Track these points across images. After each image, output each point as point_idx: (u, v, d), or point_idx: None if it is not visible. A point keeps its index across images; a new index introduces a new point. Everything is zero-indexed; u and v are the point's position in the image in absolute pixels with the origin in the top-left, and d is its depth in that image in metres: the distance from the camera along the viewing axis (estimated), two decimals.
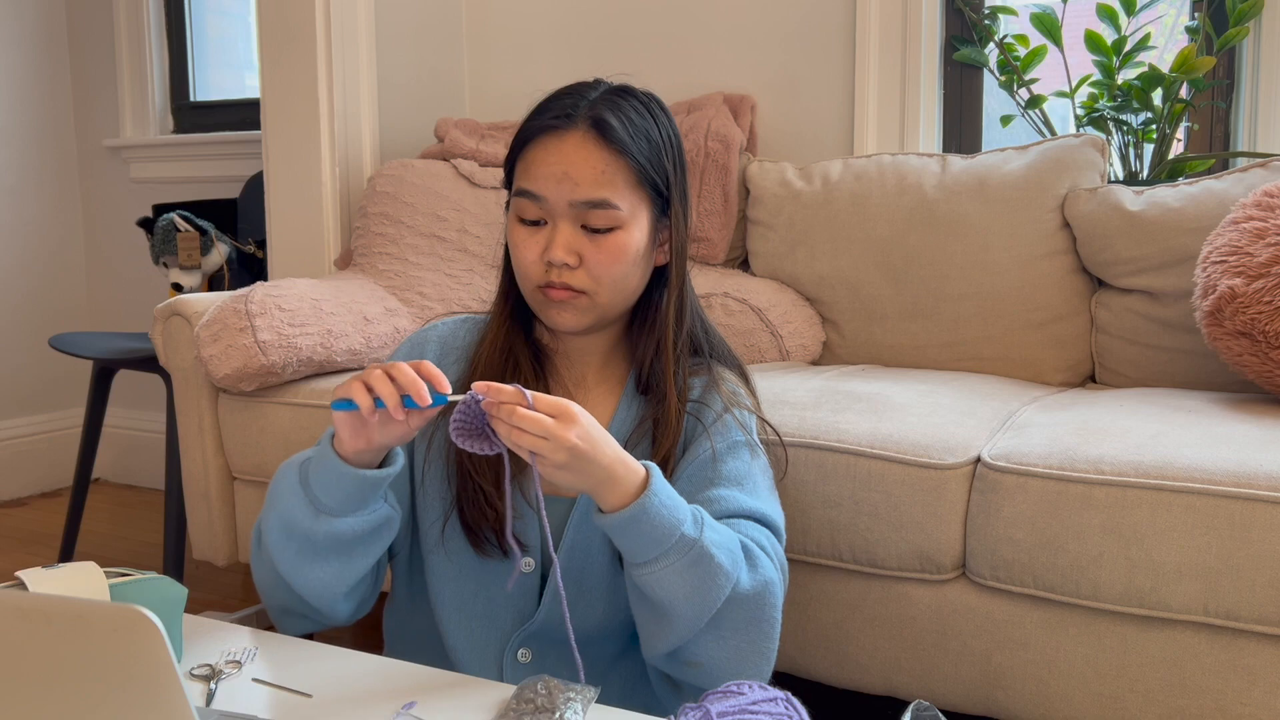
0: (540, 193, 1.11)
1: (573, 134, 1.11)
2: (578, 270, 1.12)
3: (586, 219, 1.11)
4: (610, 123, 1.11)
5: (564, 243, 1.11)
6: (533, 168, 1.12)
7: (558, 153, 1.11)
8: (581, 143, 1.11)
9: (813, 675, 1.47)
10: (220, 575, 2.53)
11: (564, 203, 1.11)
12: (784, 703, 0.77)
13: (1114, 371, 1.84)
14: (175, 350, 1.95)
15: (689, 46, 2.43)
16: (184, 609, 1.05)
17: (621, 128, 1.11)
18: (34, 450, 3.33)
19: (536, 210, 1.12)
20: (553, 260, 1.11)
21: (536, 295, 1.15)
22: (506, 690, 0.97)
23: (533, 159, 1.13)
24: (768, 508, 1.12)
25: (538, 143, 1.13)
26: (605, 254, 1.12)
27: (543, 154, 1.12)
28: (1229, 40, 1.95)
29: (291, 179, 2.36)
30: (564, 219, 1.11)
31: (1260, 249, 1.49)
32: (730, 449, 1.14)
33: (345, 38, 2.34)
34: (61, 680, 0.67)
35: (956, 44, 2.22)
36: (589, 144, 1.11)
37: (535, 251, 1.13)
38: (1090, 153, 1.88)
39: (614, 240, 1.12)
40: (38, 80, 3.33)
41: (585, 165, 1.10)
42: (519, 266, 1.15)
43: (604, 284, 1.13)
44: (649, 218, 1.15)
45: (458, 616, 1.16)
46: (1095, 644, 1.30)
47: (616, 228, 1.12)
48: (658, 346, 1.18)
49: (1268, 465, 1.23)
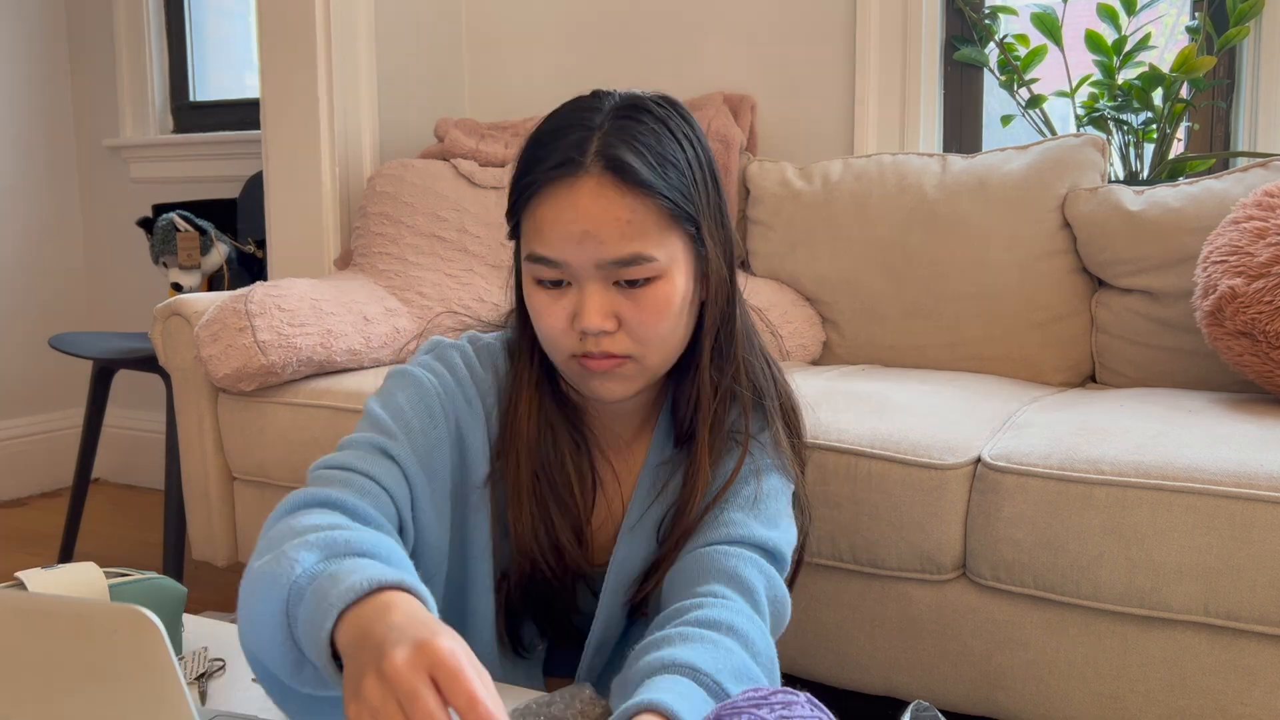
0: (560, 257, 0.94)
1: (585, 181, 0.93)
2: (617, 334, 0.95)
3: (620, 275, 0.94)
4: (629, 163, 0.93)
5: (596, 308, 0.94)
6: (544, 229, 0.94)
7: (571, 209, 0.93)
8: (598, 191, 0.93)
9: (813, 675, 1.47)
10: (220, 575, 2.52)
11: (589, 265, 0.94)
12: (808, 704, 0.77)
13: (1114, 371, 1.84)
14: (175, 350, 1.95)
15: (689, 46, 2.43)
16: (184, 609, 1.05)
17: (643, 164, 0.93)
18: (34, 450, 3.32)
19: (557, 273, 0.95)
20: (586, 329, 0.94)
21: (571, 366, 0.99)
22: (505, 689, 0.97)
23: (543, 218, 0.95)
24: (773, 533, 1.00)
25: (545, 197, 0.94)
26: (647, 312, 0.95)
27: (554, 212, 0.94)
28: (1229, 40, 1.95)
29: (291, 179, 2.36)
30: (592, 280, 0.94)
31: (1261, 249, 1.49)
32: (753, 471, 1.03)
33: (345, 38, 2.33)
34: (61, 680, 0.67)
35: (957, 44, 2.22)
36: (607, 191, 0.93)
37: (563, 320, 0.96)
38: (1090, 152, 1.88)
39: (654, 293, 0.95)
40: (38, 80, 3.33)
41: (607, 218, 0.92)
42: (545, 337, 0.99)
43: (650, 344, 0.97)
44: (689, 257, 0.98)
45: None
46: (1095, 644, 1.30)
47: (655, 278, 0.95)
48: (695, 397, 1.03)
49: (1268, 465, 1.23)
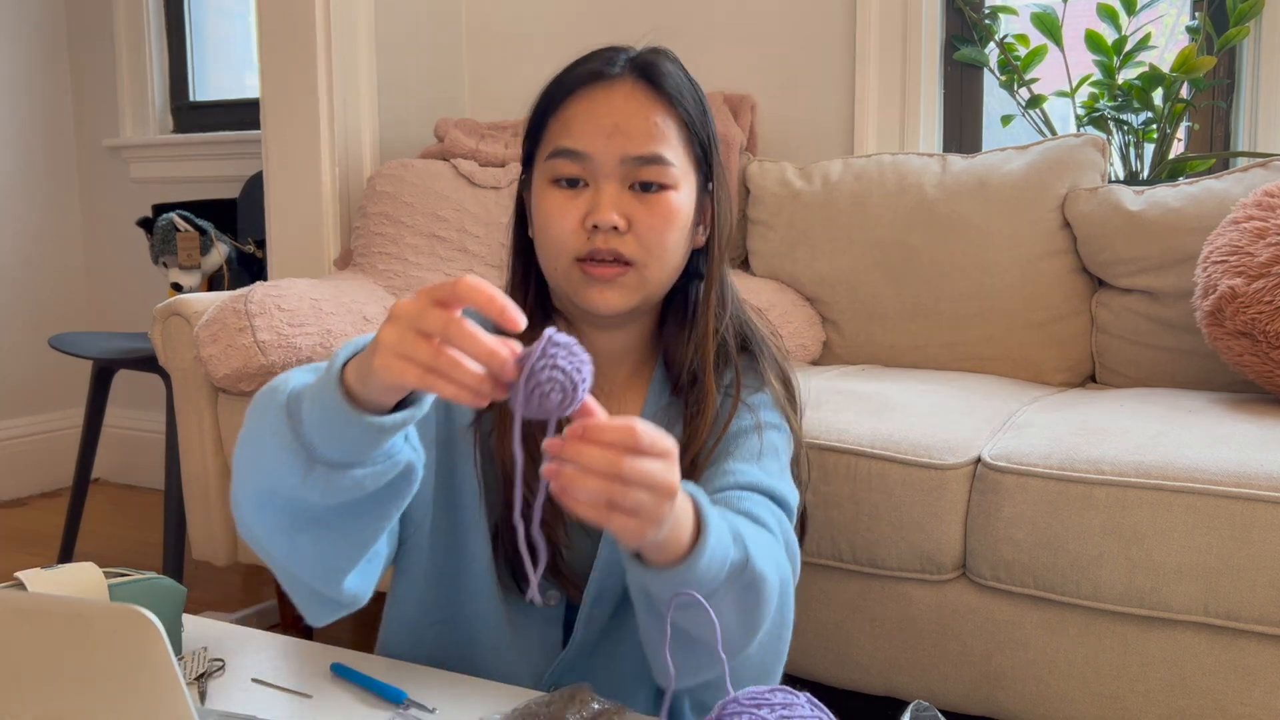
0: (586, 149, 0.98)
1: (621, 83, 1.00)
2: (626, 236, 0.98)
3: (638, 175, 0.99)
4: (661, 73, 1.01)
5: (612, 203, 0.98)
6: (574, 123, 1.00)
7: (606, 104, 0.99)
8: (631, 93, 1.00)
9: (813, 675, 1.47)
10: (220, 575, 2.53)
11: (614, 159, 0.98)
12: (809, 704, 0.77)
13: (1114, 371, 1.84)
14: (175, 350, 1.95)
15: (689, 46, 2.42)
16: (184, 609, 1.05)
17: (671, 80, 1.02)
18: (34, 450, 3.32)
19: (577, 169, 0.99)
20: (600, 223, 0.97)
21: (573, 273, 1.00)
22: (506, 689, 0.97)
23: (575, 113, 1.00)
24: (779, 484, 1.00)
25: (580, 95, 1.00)
26: (658, 217, 0.99)
27: (588, 106, 1.00)
28: (1229, 40, 1.95)
29: (291, 179, 2.36)
30: (610, 179, 0.99)
31: (1261, 249, 1.49)
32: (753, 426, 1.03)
33: (345, 38, 2.33)
34: (61, 680, 0.67)
35: (957, 44, 2.22)
36: (639, 94, 1.00)
37: (574, 219, 0.99)
38: (1090, 152, 1.88)
39: (666, 201, 1.00)
40: (37, 80, 3.33)
41: (638, 117, 0.99)
42: (553, 238, 1.00)
43: (654, 253, 1.00)
44: (695, 185, 1.03)
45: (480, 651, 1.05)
46: (1095, 644, 1.30)
47: (669, 187, 1.00)
48: (697, 338, 1.04)
49: (1268, 465, 1.23)
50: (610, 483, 0.71)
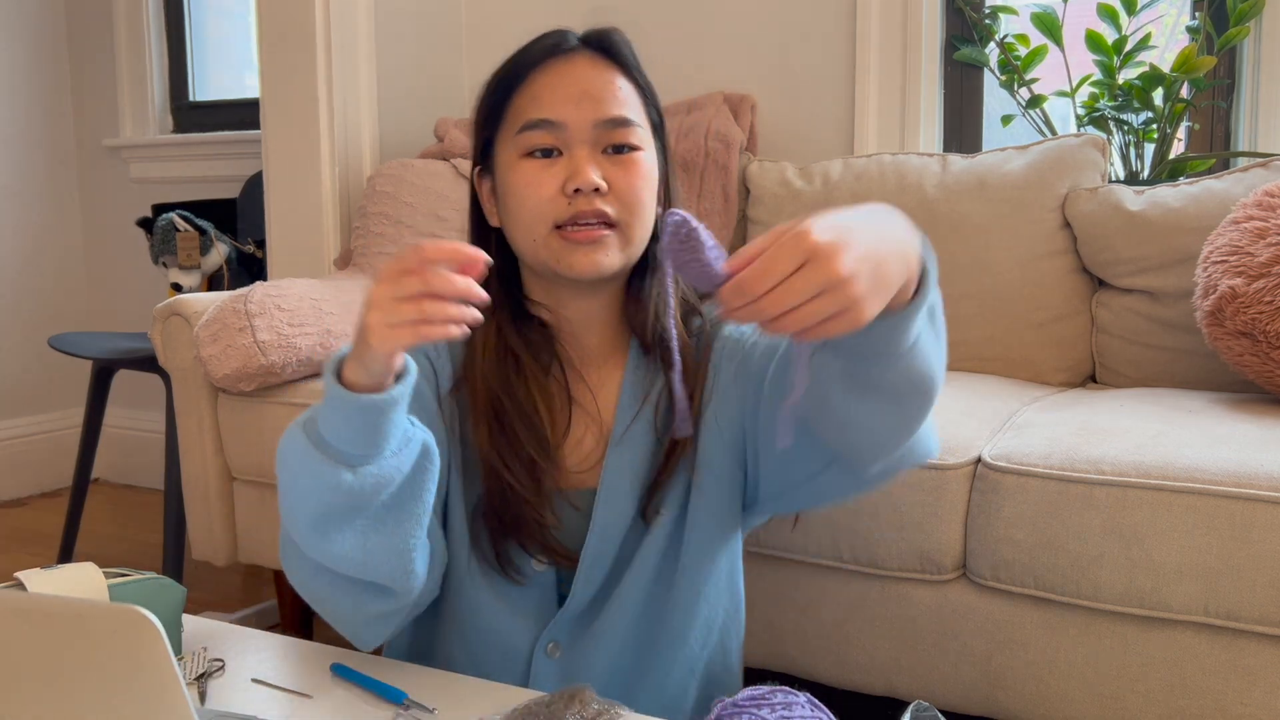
0: (558, 117, 1.02)
1: (580, 55, 1.06)
2: (608, 197, 1.02)
3: (610, 138, 1.03)
4: (616, 44, 1.07)
5: (591, 166, 1.01)
6: (542, 94, 1.03)
7: (570, 74, 1.04)
8: (592, 62, 1.05)
9: (813, 675, 1.47)
10: (220, 575, 2.53)
11: (586, 124, 1.02)
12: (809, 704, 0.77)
13: (1114, 371, 1.83)
14: (174, 350, 1.95)
15: (689, 46, 2.43)
16: (183, 609, 1.05)
17: (625, 48, 1.07)
18: (33, 450, 3.32)
19: (550, 139, 1.02)
20: (583, 185, 1.00)
21: (553, 241, 1.02)
22: (506, 689, 0.97)
23: (541, 85, 1.04)
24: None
25: (543, 69, 1.05)
26: (634, 175, 1.03)
27: (553, 77, 1.04)
28: (1229, 40, 1.95)
29: (291, 179, 2.36)
30: (583, 144, 1.02)
31: (1261, 249, 1.49)
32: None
33: (345, 38, 2.33)
34: (61, 680, 0.67)
35: (957, 44, 2.22)
36: (599, 63, 1.05)
37: (553, 185, 1.02)
38: (1091, 152, 1.88)
39: (638, 160, 1.04)
40: (37, 80, 3.33)
41: (602, 82, 1.04)
42: (530, 209, 1.03)
43: (635, 212, 1.03)
44: (656, 149, 1.08)
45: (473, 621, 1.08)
46: (1095, 644, 1.30)
47: (639, 149, 1.04)
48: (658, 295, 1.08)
49: (1268, 465, 1.23)
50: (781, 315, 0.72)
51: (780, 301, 0.72)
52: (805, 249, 0.71)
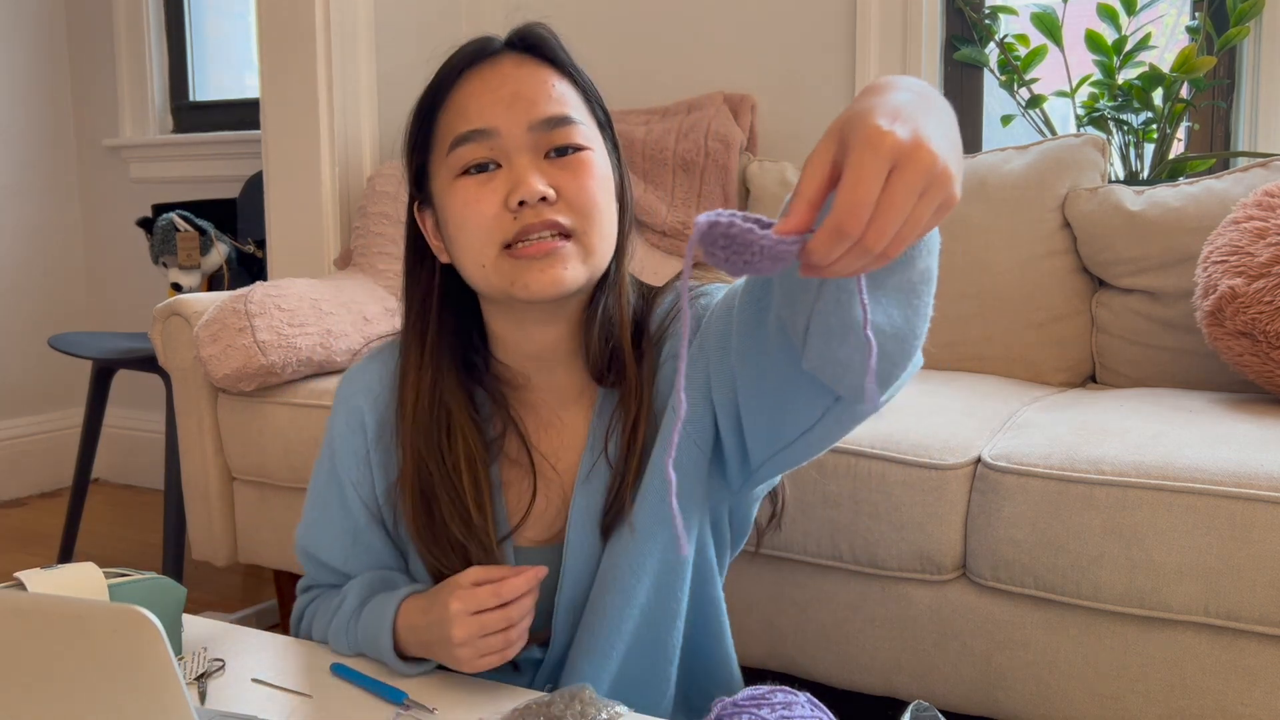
0: (490, 125, 0.92)
1: (506, 56, 0.96)
2: (557, 204, 0.91)
3: (551, 140, 0.93)
4: (544, 39, 0.97)
5: (534, 175, 0.90)
6: (469, 104, 0.93)
7: (497, 76, 0.94)
8: (520, 62, 0.95)
9: (813, 675, 1.47)
10: (220, 575, 2.53)
11: (520, 128, 0.92)
12: (809, 704, 0.77)
13: (1114, 371, 1.84)
14: (174, 350, 1.95)
15: (689, 46, 2.43)
16: (183, 609, 1.05)
17: (553, 43, 0.97)
18: (33, 450, 3.32)
19: (485, 151, 0.92)
20: (527, 197, 0.89)
21: (503, 264, 0.92)
22: (506, 689, 0.97)
23: (467, 95, 0.94)
24: None
25: (467, 77, 0.95)
26: (583, 176, 0.92)
27: (478, 85, 0.94)
28: (1229, 40, 1.95)
29: (291, 179, 2.36)
30: (522, 152, 0.92)
31: (1261, 249, 1.49)
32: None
33: (345, 38, 2.33)
34: (61, 681, 0.67)
35: (957, 44, 2.22)
36: (528, 62, 0.96)
37: (495, 204, 0.91)
38: (1091, 152, 1.88)
39: (584, 160, 0.93)
40: (37, 80, 3.33)
41: (534, 81, 0.94)
42: (474, 231, 0.92)
43: (590, 216, 0.92)
44: (607, 149, 0.98)
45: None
46: (1095, 644, 1.30)
47: (586, 148, 0.94)
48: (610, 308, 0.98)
49: (1268, 465, 1.23)
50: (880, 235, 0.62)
51: (887, 227, 0.61)
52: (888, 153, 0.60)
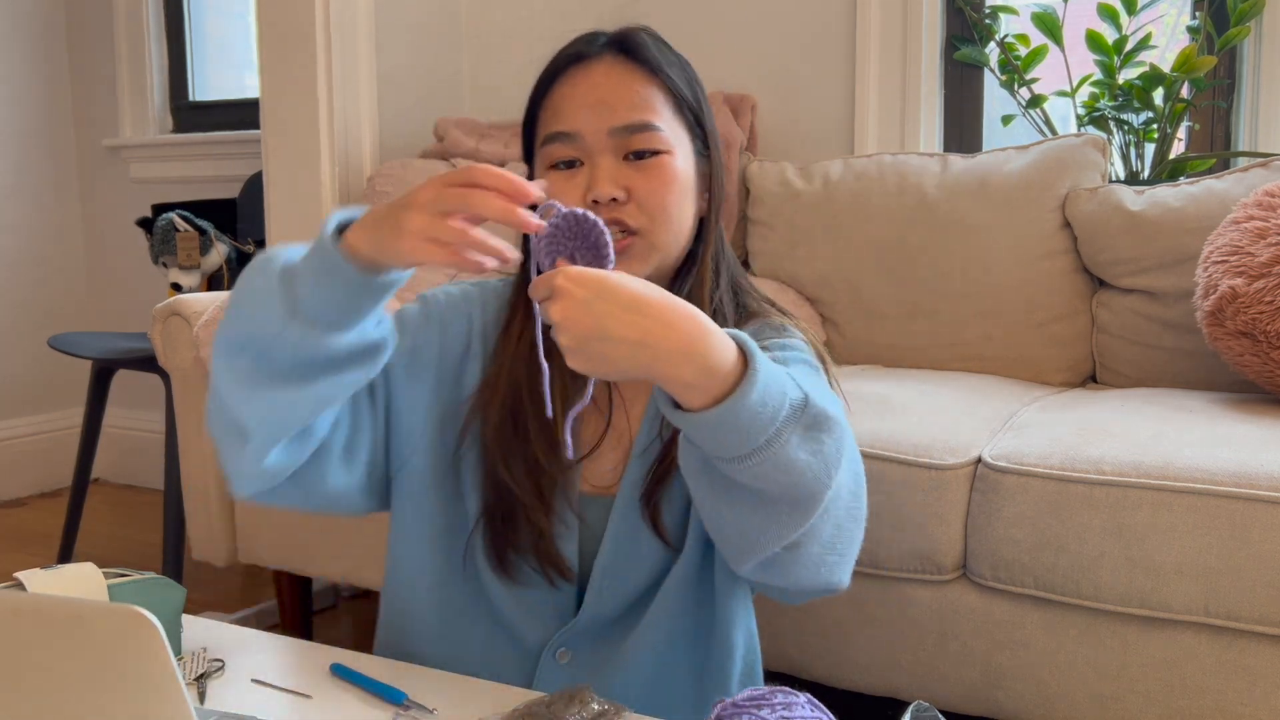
0: (573, 128, 1.01)
1: (600, 61, 1.04)
2: (628, 205, 1.00)
3: (629, 145, 1.01)
4: (639, 45, 1.04)
5: (607, 175, 1.00)
6: (561, 105, 1.03)
7: (586, 82, 1.03)
8: (611, 67, 1.03)
9: (813, 675, 1.47)
10: (219, 575, 2.53)
11: (602, 133, 1.01)
12: (809, 704, 0.77)
13: (1115, 371, 1.83)
14: (174, 350, 1.95)
15: (689, 46, 2.41)
16: (183, 609, 1.05)
17: (650, 48, 1.05)
18: (33, 450, 3.32)
19: (570, 150, 1.02)
20: (598, 197, 0.99)
21: None
22: (506, 689, 0.97)
23: (560, 96, 1.04)
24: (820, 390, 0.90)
25: (562, 78, 1.04)
26: (655, 180, 1.01)
27: (570, 88, 1.03)
28: (1230, 40, 1.95)
29: (291, 179, 2.36)
30: (603, 153, 1.01)
31: (1261, 249, 1.49)
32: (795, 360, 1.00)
33: (345, 37, 2.33)
34: (61, 681, 0.67)
35: (957, 43, 2.22)
36: (619, 67, 1.03)
37: (574, 196, 1.00)
38: (1091, 152, 1.88)
39: (662, 165, 1.01)
40: (37, 80, 3.33)
41: (620, 88, 1.02)
42: None
43: (658, 218, 1.01)
44: (692, 151, 1.05)
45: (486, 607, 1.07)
46: (1096, 644, 1.30)
47: (663, 152, 1.02)
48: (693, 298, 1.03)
49: (1268, 465, 1.23)
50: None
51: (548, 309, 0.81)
52: (553, 285, 0.80)
